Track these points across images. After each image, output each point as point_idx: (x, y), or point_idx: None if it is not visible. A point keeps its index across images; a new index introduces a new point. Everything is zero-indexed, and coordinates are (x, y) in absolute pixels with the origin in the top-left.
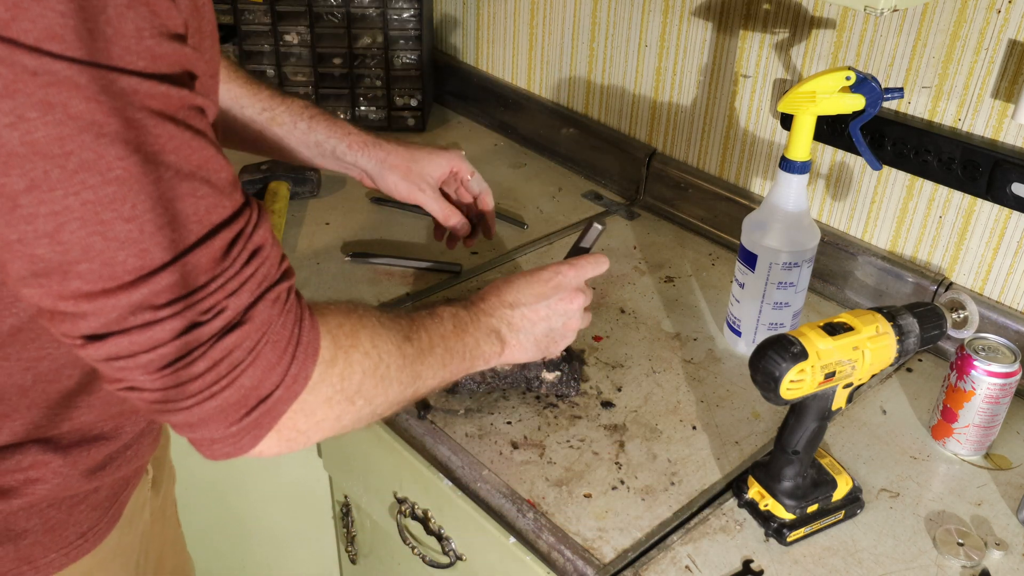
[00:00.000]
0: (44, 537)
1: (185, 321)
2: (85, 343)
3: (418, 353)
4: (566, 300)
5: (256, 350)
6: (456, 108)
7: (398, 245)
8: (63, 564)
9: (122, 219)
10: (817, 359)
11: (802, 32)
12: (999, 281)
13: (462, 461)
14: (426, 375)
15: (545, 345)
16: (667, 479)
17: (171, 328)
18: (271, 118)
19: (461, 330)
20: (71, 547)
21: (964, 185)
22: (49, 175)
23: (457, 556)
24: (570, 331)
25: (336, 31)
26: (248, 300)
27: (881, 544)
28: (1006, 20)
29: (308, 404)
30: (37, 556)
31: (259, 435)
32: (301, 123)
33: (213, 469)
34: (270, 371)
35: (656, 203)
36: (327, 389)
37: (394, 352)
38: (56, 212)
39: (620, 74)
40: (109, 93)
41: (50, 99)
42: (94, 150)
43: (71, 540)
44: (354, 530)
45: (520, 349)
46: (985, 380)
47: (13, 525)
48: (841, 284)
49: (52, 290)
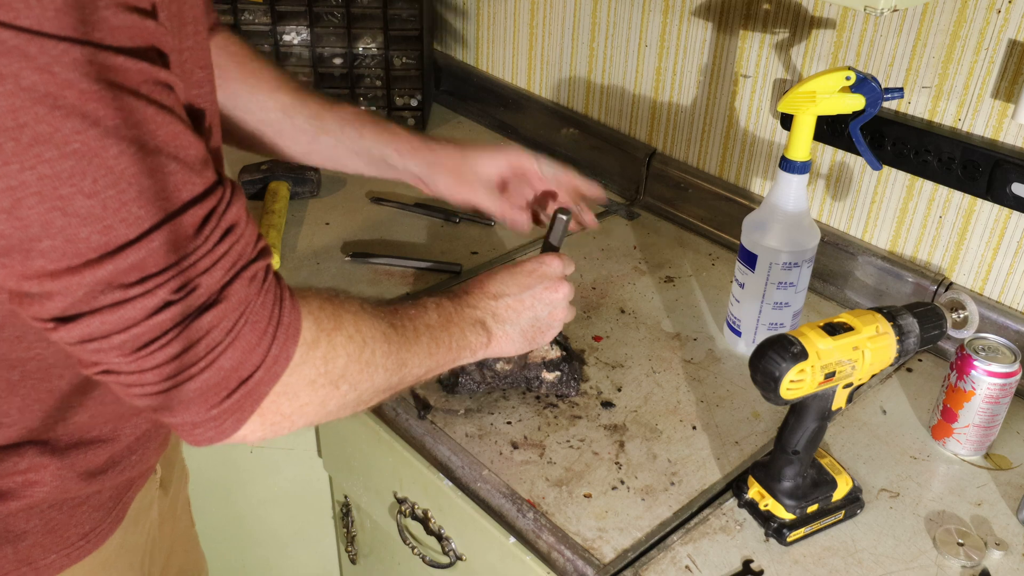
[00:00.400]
0: (44, 538)
1: (157, 299)
2: (56, 326)
3: (404, 340)
4: (551, 289)
5: (235, 330)
6: (456, 108)
7: (398, 245)
8: (64, 565)
9: (83, 194)
10: (817, 359)
11: (802, 32)
12: (999, 281)
13: (462, 461)
14: (412, 363)
15: (532, 335)
16: (667, 479)
17: (143, 307)
18: (320, 127)
19: (446, 320)
20: (73, 548)
21: (964, 185)
22: (3, 148)
23: (457, 556)
24: (556, 321)
25: (336, 31)
26: (223, 278)
27: (881, 544)
28: (1006, 20)
29: (291, 386)
30: (37, 557)
31: (242, 418)
32: (350, 130)
33: (214, 469)
34: (250, 352)
35: (656, 203)
36: (310, 371)
37: (379, 338)
38: (12, 187)
39: (620, 74)
40: (62, 64)
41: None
42: (49, 123)
43: (73, 541)
44: (354, 530)
45: (507, 340)
46: (985, 380)
47: (12, 527)
48: (841, 284)
49: (15, 270)
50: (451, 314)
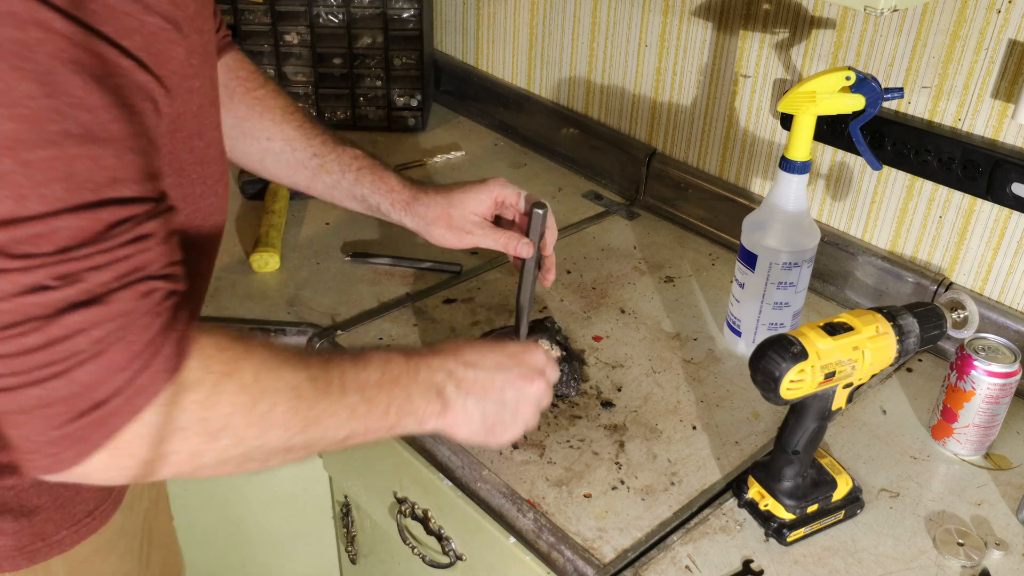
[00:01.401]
0: (55, 514)
1: (33, 279)
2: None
3: (321, 397)
4: (527, 379)
5: (104, 342)
6: (456, 108)
7: (398, 245)
8: (74, 541)
9: (15, 161)
10: (817, 359)
11: (802, 32)
12: (999, 281)
13: (462, 461)
14: (328, 424)
15: (491, 424)
16: (667, 479)
17: (17, 282)
18: (320, 165)
19: (391, 380)
20: (80, 524)
21: (964, 185)
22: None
23: (457, 556)
24: (521, 417)
25: (336, 31)
26: (112, 281)
27: (881, 544)
28: (1006, 20)
29: (153, 428)
30: (50, 532)
31: (84, 450)
32: (349, 175)
33: None
34: (113, 372)
35: (656, 203)
36: (182, 416)
37: (284, 391)
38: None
39: (620, 74)
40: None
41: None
42: (6, 80)
43: (79, 518)
44: (354, 530)
45: (464, 418)
46: (985, 380)
47: (26, 501)
48: (841, 284)
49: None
50: (399, 376)
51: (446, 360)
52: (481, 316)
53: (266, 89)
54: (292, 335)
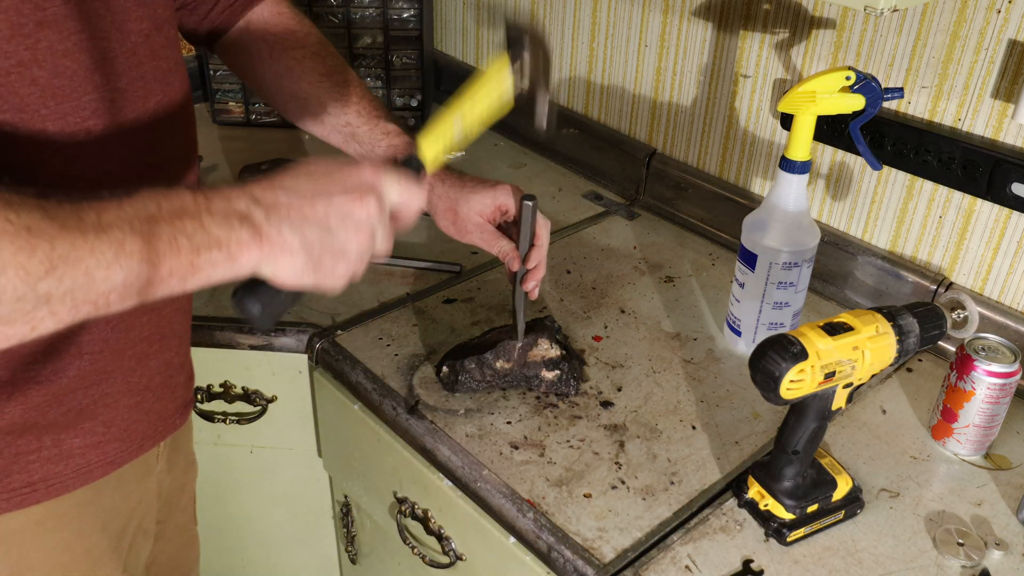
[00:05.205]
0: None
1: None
2: None
3: (64, 232)
4: (355, 200)
5: None
6: None
7: (398, 245)
8: (3, 510)
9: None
10: (817, 359)
11: (802, 32)
12: (999, 281)
13: (462, 461)
14: (89, 264)
15: (318, 255)
16: (667, 479)
17: None
18: (351, 134)
19: (173, 213)
20: (14, 493)
21: (964, 185)
22: None
23: (457, 556)
24: (354, 246)
25: (336, 31)
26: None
27: (881, 544)
28: (1006, 20)
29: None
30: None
31: None
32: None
33: (214, 469)
34: None
35: (656, 203)
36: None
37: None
38: None
39: (620, 74)
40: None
41: None
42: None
43: (16, 487)
44: (354, 530)
45: (283, 248)
46: (985, 380)
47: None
48: (841, 284)
49: None
50: (184, 206)
51: (249, 188)
52: (481, 316)
53: (304, 50)
54: (292, 335)
